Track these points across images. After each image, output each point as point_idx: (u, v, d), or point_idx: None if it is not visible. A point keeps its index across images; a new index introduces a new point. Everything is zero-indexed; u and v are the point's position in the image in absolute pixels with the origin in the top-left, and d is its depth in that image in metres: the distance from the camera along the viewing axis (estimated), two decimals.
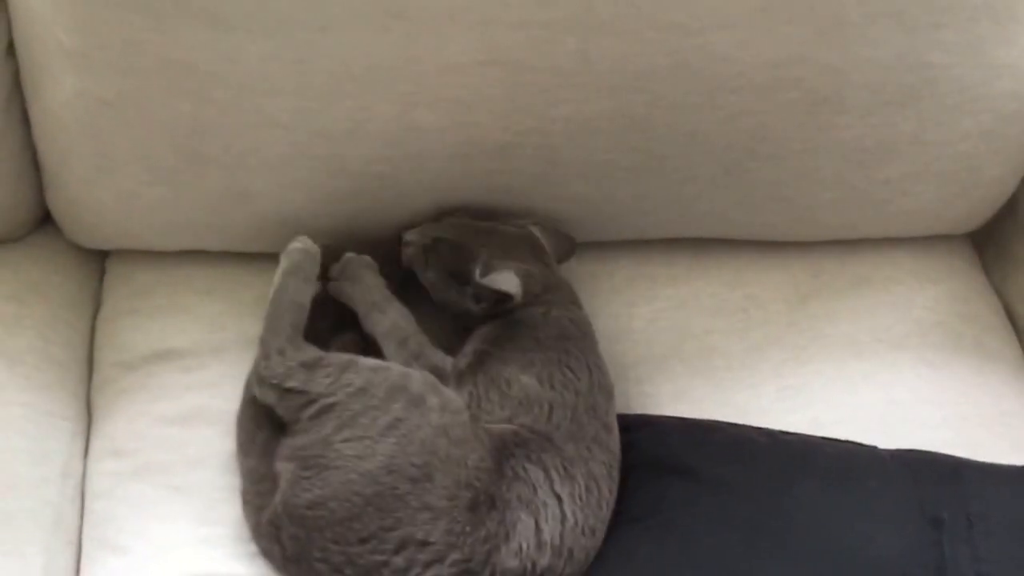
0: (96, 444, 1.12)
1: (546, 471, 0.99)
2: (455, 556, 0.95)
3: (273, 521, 0.99)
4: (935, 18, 1.05)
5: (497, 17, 1.00)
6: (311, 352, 1.04)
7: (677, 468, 1.04)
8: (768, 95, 1.07)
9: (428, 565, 0.94)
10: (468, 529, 0.95)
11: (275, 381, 1.03)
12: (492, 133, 1.09)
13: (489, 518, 0.96)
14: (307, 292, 1.08)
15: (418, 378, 1.01)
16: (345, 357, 1.03)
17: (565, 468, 0.99)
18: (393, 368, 1.03)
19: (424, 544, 0.95)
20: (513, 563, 0.96)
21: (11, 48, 1.09)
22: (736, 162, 1.13)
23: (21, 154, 1.16)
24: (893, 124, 1.12)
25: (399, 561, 0.94)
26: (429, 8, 0.99)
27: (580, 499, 0.98)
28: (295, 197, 1.13)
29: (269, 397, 1.04)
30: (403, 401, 0.99)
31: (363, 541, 0.95)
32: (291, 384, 1.02)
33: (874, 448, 1.06)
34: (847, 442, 1.07)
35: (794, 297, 1.22)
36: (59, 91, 1.07)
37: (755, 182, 1.16)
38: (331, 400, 1.00)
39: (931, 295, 1.24)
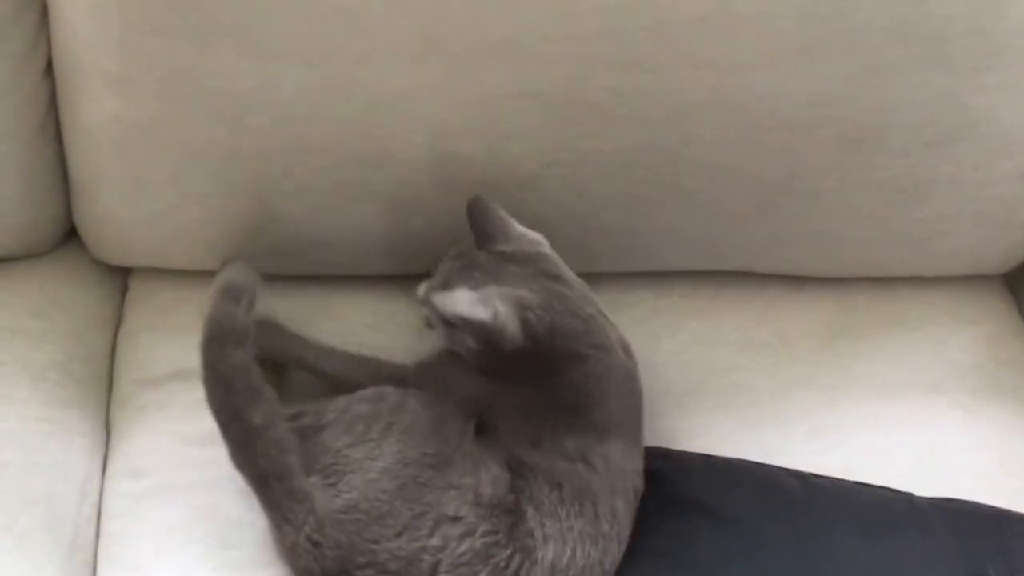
0: (114, 463, 1.12)
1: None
2: (484, 527, 0.96)
3: (311, 537, 0.98)
4: (978, 61, 1.04)
5: (533, 51, 1.00)
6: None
7: (704, 508, 1.02)
8: (805, 133, 1.06)
9: (462, 538, 0.96)
10: (493, 501, 0.97)
11: None
12: (523, 164, 1.09)
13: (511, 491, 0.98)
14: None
15: (391, 390, 1.03)
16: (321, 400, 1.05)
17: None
18: (366, 390, 1.04)
19: (456, 519, 0.96)
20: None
21: (49, 67, 1.10)
22: (769, 198, 1.12)
23: (52, 170, 1.16)
24: (931, 164, 1.10)
25: (435, 541, 0.96)
26: (466, 41, 0.99)
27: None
28: (324, 220, 1.13)
29: None
30: (387, 407, 1.01)
31: (399, 534, 0.96)
32: None
33: (911, 496, 1.04)
34: (882, 488, 1.05)
35: (824, 334, 1.21)
36: (96, 112, 1.07)
37: (787, 218, 1.15)
38: (323, 421, 1.02)
39: (967, 336, 1.23)
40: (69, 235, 1.22)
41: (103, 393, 1.17)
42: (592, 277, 1.20)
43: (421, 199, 1.12)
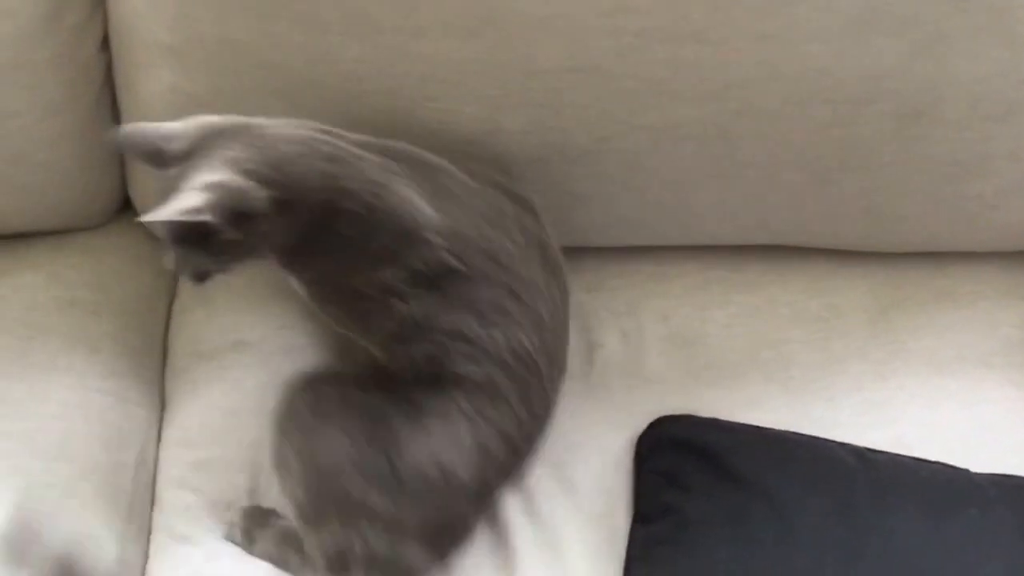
0: (169, 433, 1.14)
1: None
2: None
3: None
4: None
5: (588, 25, 0.99)
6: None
7: (758, 482, 1.03)
8: (861, 107, 1.05)
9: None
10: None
11: None
12: (575, 138, 1.08)
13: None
14: None
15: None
16: None
17: None
18: None
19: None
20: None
21: (106, 40, 1.10)
22: (823, 172, 1.11)
23: (106, 144, 1.15)
24: (989, 139, 1.09)
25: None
26: (519, 15, 0.99)
27: None
28: None
29: None
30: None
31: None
32: None
33: (968, 472, 1.04)
34: (939, 464, 1.05)
35: (875, 309, 1.20)
36: (153, 85, 1.08)
37: (841, 193, 1.14)
38: None
39: (1019, 313, 1.21)
40: (124, 208, 1.23)
41: (158, 365, 1.19)
42: (642, 250, 1.23)
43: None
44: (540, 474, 1.09)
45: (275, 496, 1.05)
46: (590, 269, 1.21)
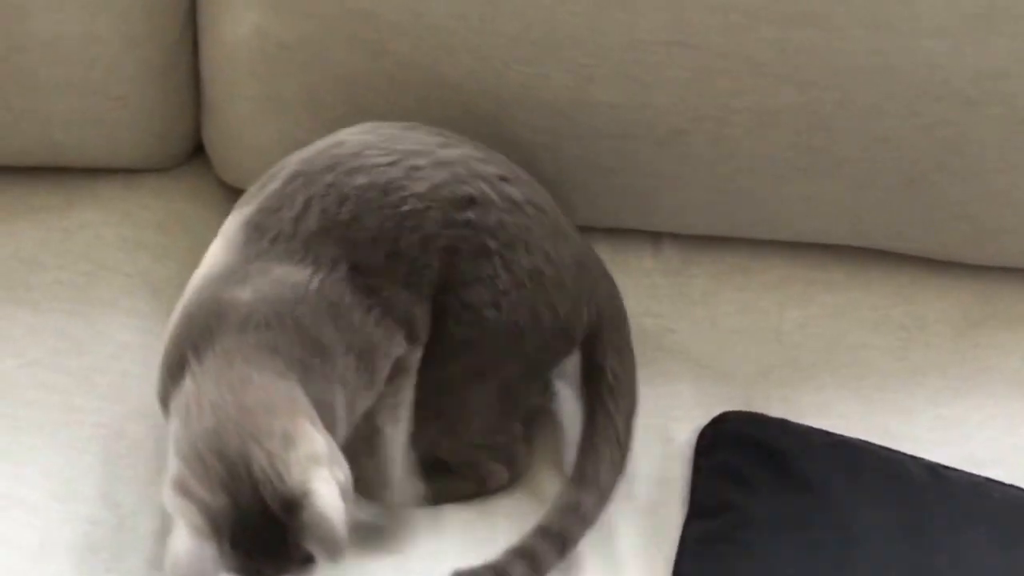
0: None
1: None
2: None
3: None
4: None
5: None
6: None
7: (825, 488, 0.99)
8: (972, 107, 1.02)
9: None
10: None
11: None
12: (666, 117, 1.05)
13: None
14: None
15: None
16: None
17: None
18: None
19: None
20: None
21: None
22: (922, 174, 1.07)
23: (185, 85, 1.16)
24: None
25: None
26: None
27: None
28: None
29: None
30: None
31: None
32: None
33: None
34: (1014, 488, 1.01)
35: (962, 322, 1.16)
36: (238, 28, 1.06)
37: (939, 198, 1.10)
38: None
39: None
40: (196, 153, 1.22)
41: None
42: (724, 240, 1.20)
43: (554, 147, 1.09)
44: None
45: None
46: (669, 255, 1.18)
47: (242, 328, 0.82)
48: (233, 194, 1.24)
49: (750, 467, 1.02)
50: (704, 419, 1.08)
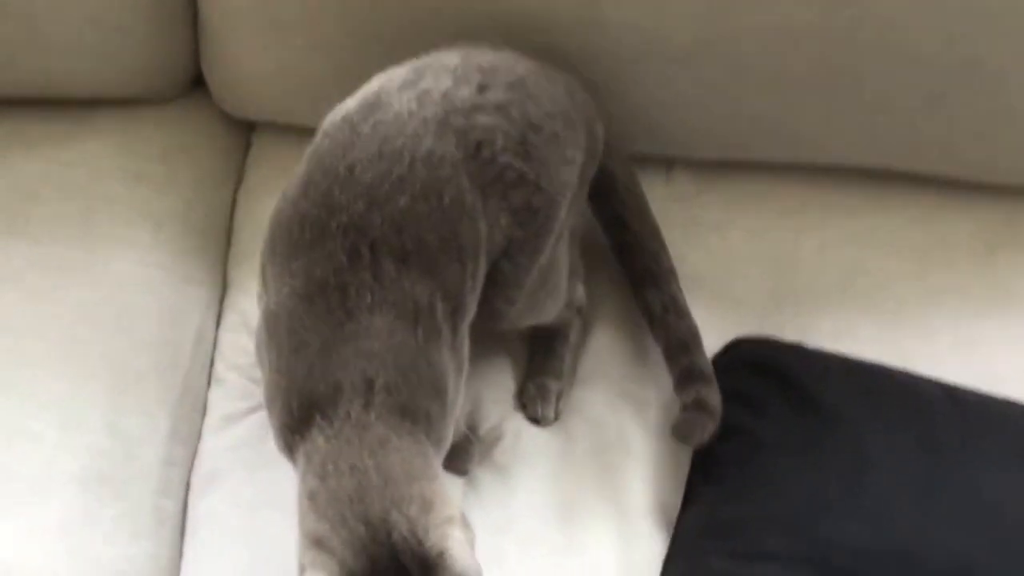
0: (230, 317, 1.11)
1: None
2: None
3: None
4: None
5: None
6: None
7: (841, 412, 0.98)
8: (995, 21, 0.99)
9: None
10: None
11: None
12: (678, 36, 1.02)
13: None
14: None
15: None
16: None
17: None
18: None
19: None
20: None
21: None
22: (944, 91, 1.05)
23: (183, 14, 1.13)
24: None
25: None
26: None
27: None
28: None
29: None
30: None
31: None
32: None
33: None
34: None
35: (982, 245, 1.13)
36: None
37: (961, 116, 1.07)
38: None
39: None
40: (195, 85, 1.19)
41: (222, 246, 1.16)
42: (739, 165, 1.17)
43: (565, 70, 1.03)
44: (609, 385, 1.05)
45: None
46: (682, 181, 1.16)
47: (368, 391, 0.84)
48: (232, 127, 1.23)
49: (764, 391, 1.01)
50: (718, 345, 1.06)
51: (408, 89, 0.92)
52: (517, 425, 1.05)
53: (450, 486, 0.90)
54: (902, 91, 1.06)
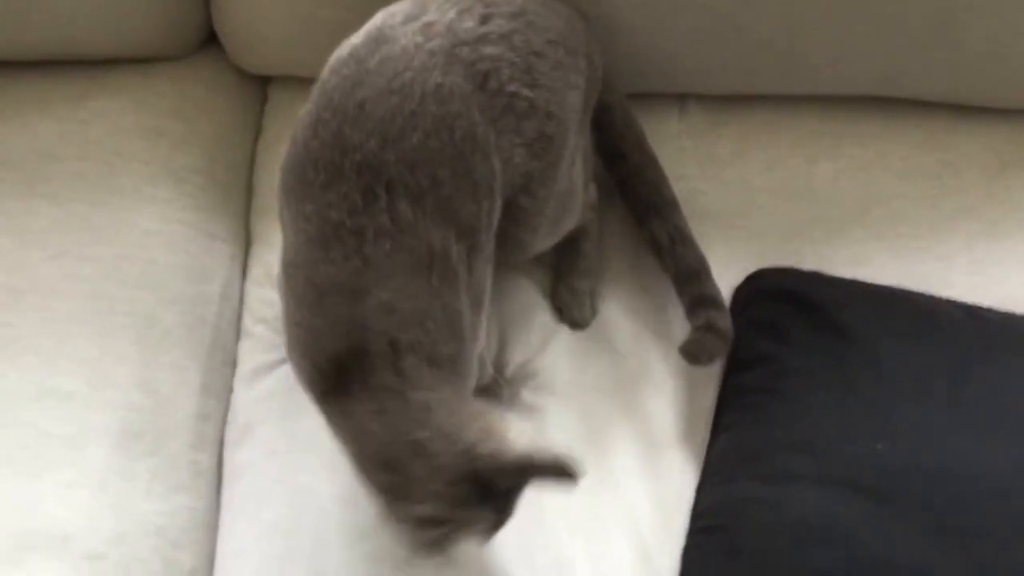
0: (256, 270, 1.12)
1: None
2: None
3: None
4: None
5: None
6: None
7: (864, 336, 0.99)
8: None
9: None
10: None
11: None
12: None
13: None
14: None
15: None
16: None
17: None
18: None
19: None
20: None
21: None
22: (951, 14, 1.05)
23: None
24: None
25: None
26: None
27: None
28: None
29: None
30: None
31: None
32: None
33: None
34: None
35: (994, 166, 1.14)
36: None
37: (967, 39, 1.07)
38: None
39: None
40: (209, 41, 1.19)
41: (244, 200, 1.17)
42: (751, 98, 1.17)
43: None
44: (634, 319, 1.06)
45: None
46: (695, 116, 1.16)
47: (395, 355, 0.85)
48: (248, 81, 1.23)
49: (786, 319, 1.02)
50: (738, 278, 1.07)
51: (412, 22, 0.92)
52: (544, 363, 1.05)
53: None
54: (909, 14, 1.06)
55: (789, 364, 1.00)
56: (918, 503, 0.91)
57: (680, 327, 1.06)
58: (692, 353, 1.02)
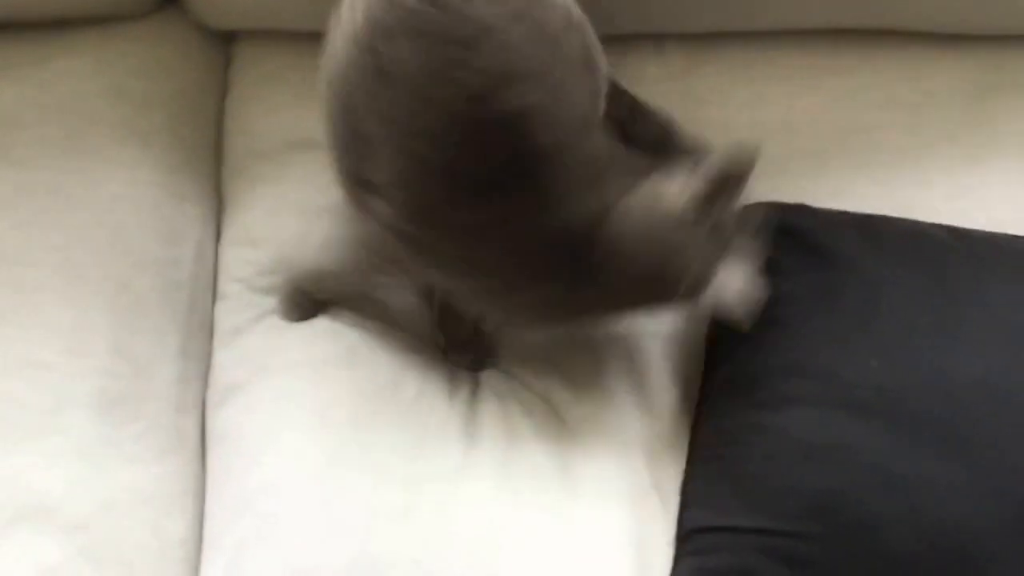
0: (231, 232, 1.09)
1: None
2: None
3: None
4: None
5: None
6: None
7: (852, 260, 0.99)
8: None
9: None
10: None
11: None
12: None
13: None
14: None
15: None
16: None
17: None
18: None
19: None
20: None
21: None
22: None
23: None
24: None
25: None
26: None
27: None
28: None
29: None
30: None
31: None
32: None
33: None
34: None
35: (971, 92, 1.14)
36: None
37: None
38: None
39: None
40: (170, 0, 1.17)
41: (213, 161, 1.14)
42: (729, 35, 1.16)
43: None
44: None
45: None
46: (674, 57, 1.15)
47: None
48: (212, 40, 1.20)
49: (775, 250, 1.00)
50: None
51: None
52: None
53: None
54: None
55: (780, 292, 0.98)
56: (915, 416, 0.92)
57: None
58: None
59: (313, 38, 1.08)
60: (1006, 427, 0.92)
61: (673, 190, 0.90)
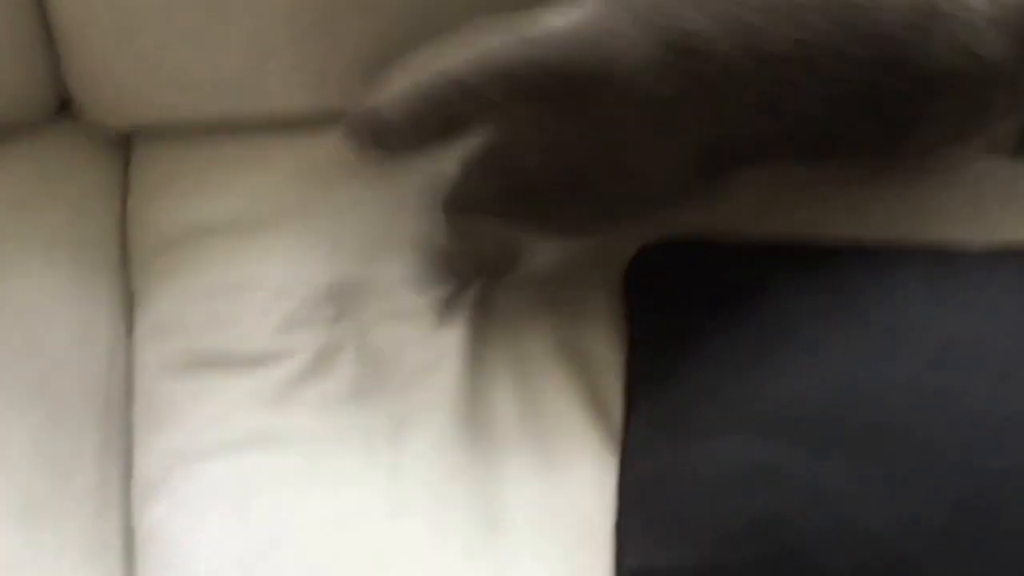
0: (142, 327, 1.09)
1: None
2: None
3: None
4: None
5: None
6: None
7: (747, 285, 1.00)
8: None
9: None
10: None
11: None
12: None
13: None
14: None
15: None
16: None
17: None
18: None
19: None
20: None
21: None
22: None
23: (36, 30, 1.11)
24: None
25: None
26: None
27: None
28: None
29: None
30: None
31: None
32: None
33: (965, 245, 1.02)
34: (935, 244, 1.03)
35: None
36: None
37: None
38: None
39: None
40: (64, 108, 1.17)
41: (119, 259, 1.14)
42: None
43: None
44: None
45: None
46: None
47: None
48: (110, 145, 1.19)
49: (675, 290, 1.03)
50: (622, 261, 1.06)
51: None
52: None
53: None
54: None
55: (685, 328, 1.00)
56: (836, 430, 0.92)
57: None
58: None
59: (208, 131, 1.13)
60: (926, 431, 0.92)
61: None
